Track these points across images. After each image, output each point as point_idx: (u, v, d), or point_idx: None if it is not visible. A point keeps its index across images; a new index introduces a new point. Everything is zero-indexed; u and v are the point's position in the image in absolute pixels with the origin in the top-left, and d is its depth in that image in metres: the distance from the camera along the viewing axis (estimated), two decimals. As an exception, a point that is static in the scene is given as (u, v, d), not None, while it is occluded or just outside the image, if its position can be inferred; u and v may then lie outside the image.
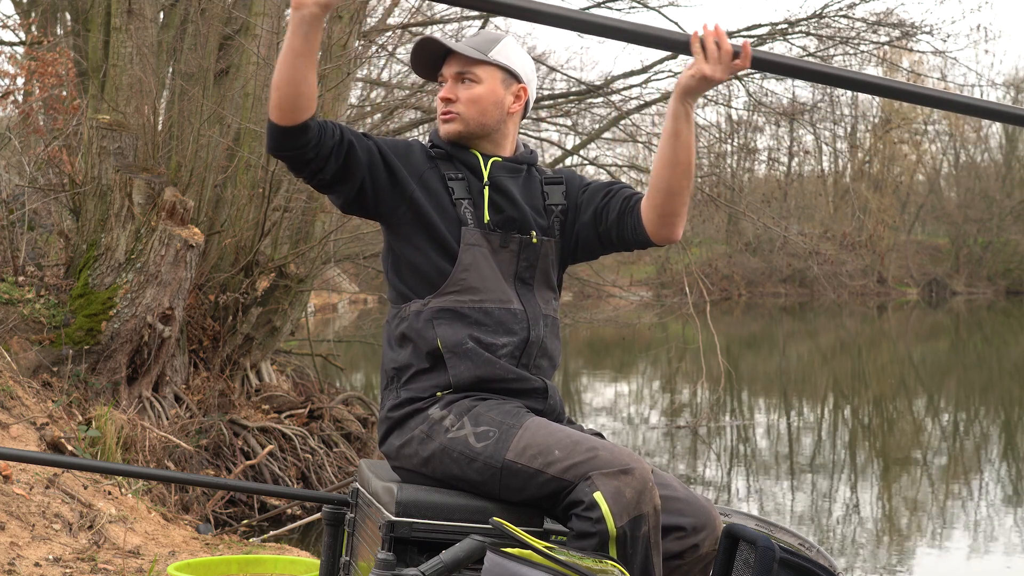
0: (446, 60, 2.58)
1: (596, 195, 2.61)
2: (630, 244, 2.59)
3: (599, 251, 2.64)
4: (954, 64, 44.33)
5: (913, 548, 7.40)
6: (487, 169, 2.56)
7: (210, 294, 7.98)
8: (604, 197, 2.59)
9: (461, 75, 2.56)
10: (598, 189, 2.63)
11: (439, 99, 2.58)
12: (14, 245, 7.57)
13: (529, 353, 2.51)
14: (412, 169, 2.53)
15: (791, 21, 12.79)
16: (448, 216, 2.50)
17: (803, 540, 2.68)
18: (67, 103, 8.35)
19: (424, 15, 12.28)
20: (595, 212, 2.59)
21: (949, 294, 40.16)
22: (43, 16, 10.41)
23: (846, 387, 16.91)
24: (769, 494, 8.90)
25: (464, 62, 2.55)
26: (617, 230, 2.57)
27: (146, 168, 7.27)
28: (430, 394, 2.47)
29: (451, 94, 2.55)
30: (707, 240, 33.65)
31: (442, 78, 2.58)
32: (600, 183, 2.63)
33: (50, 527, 4.68)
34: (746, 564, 2.21)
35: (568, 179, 2.65)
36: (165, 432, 6.81)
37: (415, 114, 12.29)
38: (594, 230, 2.60)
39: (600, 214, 2.59)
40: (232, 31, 8.61)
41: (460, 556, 2.13)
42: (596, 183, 2.64)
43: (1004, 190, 41.24)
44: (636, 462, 2.25)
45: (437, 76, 2.60)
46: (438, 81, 2.60)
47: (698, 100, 2.53)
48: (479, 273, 2.48)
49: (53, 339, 6.80)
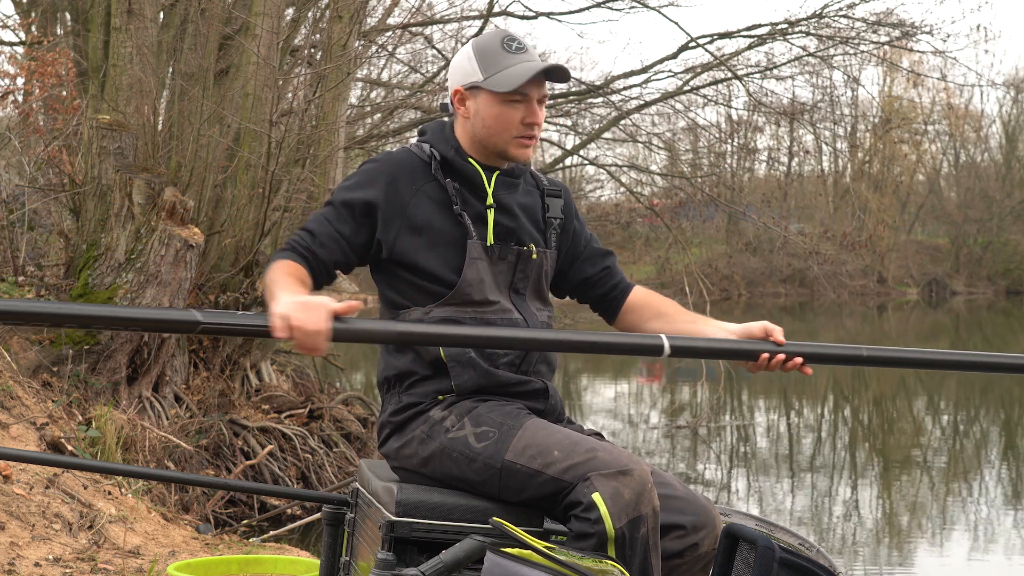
0: (534, 80, 2.48)
1: (593, 262, 2.70)
2: (598, 311, 2.75)
3: (566, 296, 2.77)
4: (954, 64, 44.35)
5: (913, 548, 7.40)
6: (491, 185, 2.55)
7: (210, 294, 7.98)
8: (601, 271, 2.70)
9: (544, 97, 2.53)
10: (596, 257, 2.71)
11: (528, 123, 2.49)
12: (14, 245, 7.58)
13: (529, 360, 2.52)
14: (396, 206, 2.48)
15: (791, 21, 12.80)
16: (450, 229, 2.49)
17: (803, 540, 2.68)
18: (67, 103, 8.36)
19: (424, 15, 12.29)
20: (586, 279, 2.70)
21: (949, 294, 40.15)
22: (43, 16, 10.42)
23: (846, 387, 16.91)
24: (769, 494, 8.90)
25: (546, 86, 2.53)
26: (593, 302, 2.72)
27: (146, 168, 7.27)
28: (432, 398, 2.48)
29: (541, 119, 2.52)
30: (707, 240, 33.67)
31: (524, 98, 2.48)
32: (599, 249, 2.71)
33: (50, 527, 4.68)
34: (746, 564, 2.21)
35: (566, 197, 2.69)
36: (165, 432, 6.81)
37: (415, 114, 12.30)
38: (577, 289, 2.72)
39: (589, 282, 2.70)
40: (232, 31, 8.61)
41: (460, 556, 2.13)
42: (595, 244, 2.72)
43: (1004, 190, 41.21)
44: (635, 463, 2.26)
45: (518, 94, 2.48)
46: (515, 99, 2.47)
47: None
48: (481, 285, 2.48)
49: (53, 339, 6.80)
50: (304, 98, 9.00)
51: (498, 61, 2.48)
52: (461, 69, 2.53)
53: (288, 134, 8.35)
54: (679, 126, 18.05)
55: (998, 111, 44.85)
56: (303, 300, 2.14)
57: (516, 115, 2.49)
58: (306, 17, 10.85)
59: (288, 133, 8.39)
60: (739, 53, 13.47)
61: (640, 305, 2.69)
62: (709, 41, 12.74)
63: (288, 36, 9.73)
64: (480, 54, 2.50)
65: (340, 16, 8.71)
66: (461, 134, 2.56)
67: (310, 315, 2.10)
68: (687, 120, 16.09)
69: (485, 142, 2.52)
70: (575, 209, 2.70)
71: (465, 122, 2.54)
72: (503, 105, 2.48)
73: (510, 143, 2.51)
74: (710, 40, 12.74)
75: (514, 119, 2.49)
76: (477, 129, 2.52)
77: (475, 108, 2.51)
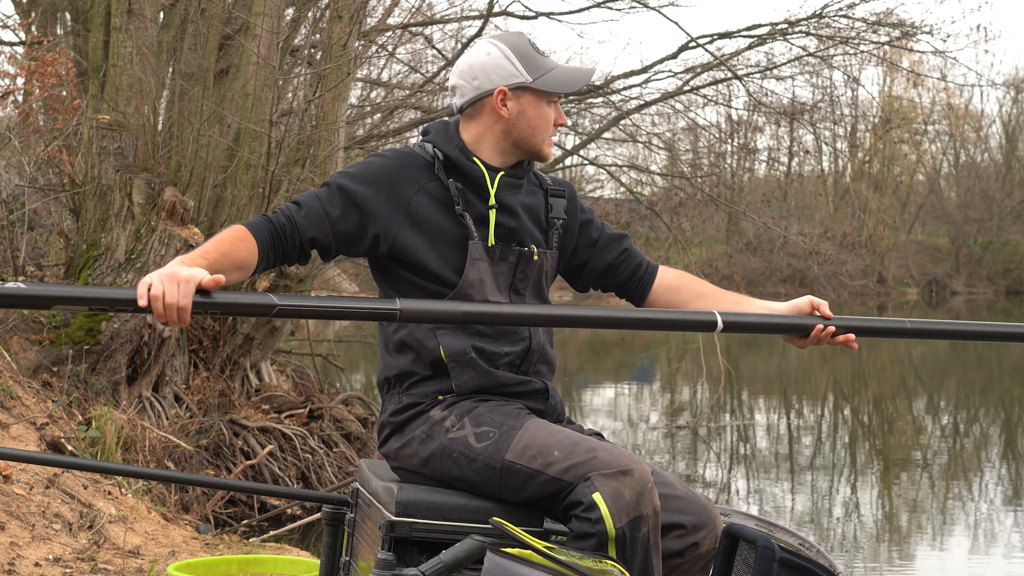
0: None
1: (611, 248, 2.69)
2: (624, 297, 2.74)
3: (590, 288, 2.76)
4: (954, 64, 44.29)
5: (913, 548, 7.40)
6: (494, 186, 2.54)
7: (210, 294, 7.96)
8: (620, 255, 2.69)
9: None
10: (612, 242, 2.70)
11: (559, 124, 2.58)
12: (14, 245, 7.57)
13: (529, 361, 2.52)
14: (398, 201, 2.48)
15: (791, 21, 12.80)
16: (452, 229, 2.50)
17: (803, 540, 2.68)
18: (67, 103, 8.35)
19: (424, 15, 12.29)
20: (608, 265, 2.68)
21: (949, 294, 40.12)
22: (43, 16, 10.41)
23: (846, 387, 16.91)
24: (769, 494, 8.90)
25: None
26: (619, 286, 2.71)
27: (146, 168, 7.27)
28: (432, 398, 2.48)
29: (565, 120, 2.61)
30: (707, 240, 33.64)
31: (555, 101, 2.58)
32: (613, 234, 2.70)
33: (50, 527, 4.68)
34: (746, 564, 2.21)
35: (570, 196, 2.68)
36: (165, 432, 6.81)
37: (415, 114, 12.29)
38: (601, 278, 2.70)
39: (611, 268, 2.69)
40: (232, 31, 8.61)
41: (460, 556, 2.13)
42: (608, 230, 2.70)
43: (1004, 190, 41.17)
44: (635, 463, 2.26)
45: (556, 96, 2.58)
46: (552, 101, 2.57)
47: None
48: (482, 286, 2.48)
49: (53, 339, 6.80)
50: (304, 98, 9.00)
51: (539, 63, 2.54)
52: (502, 69, 2.53)
53: (288, 134, 8.35)
54: (679, 126, 18.03)
55: (998, 111, 44.87)
56: (172, 271, 2.14)
57: (552, 115, 2.56)
58: (306, 17, 10.85)
59: (288, 133, 8.39)
60: (739, 53, 13.46)
61: (675, 285, 2.69)
62: (709, 41, 12.73)
63: (288, 36, 9.73)
64: (520, 55, 2.53)
65: (340, 16, 8.70)
66: (469, 134, 2.56)
67: (173, 288, 2.11)
68: (687, 120, 16.07)
69: (524, 141, 2.55)
70: (580, 205, 2.70)
71: (494, 121, 2.54)
72: (546, 106, 2.55)
73: (545, 142, 2.57)
74: (710, 40, 12.74)
75: (551, 119, 2.56)
76: (521, 128, 2.54)
77: (519, 108, 2.53)
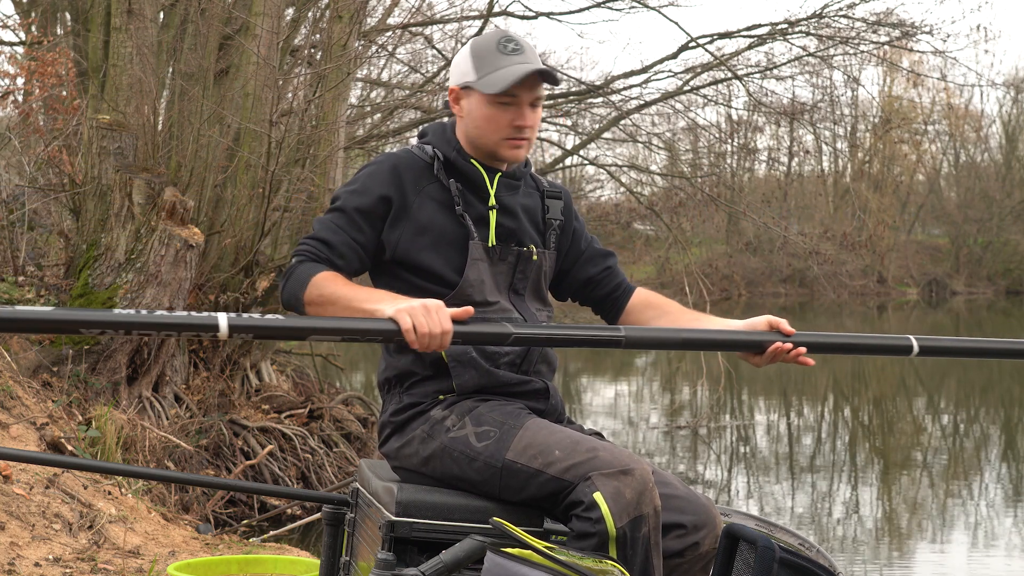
0: (525, 83, 2.46)
1: (595, 262, 2.71)
2: (599, 313, 2.77)
3: (567, 298, 2.77)
4: (954, 64, 44.30)
5: (913, 548, 7.40)
6: (494, 187, 2.55)
7: (210, 294, 7.98)
8: (603, 271, 2.71)
9: (536, 100, 2.51)
10: (598, 257, 2.71)
11: (516, 125, 2.47)
12: (14, 245, 7.57)
13: (530, 360, 2.52)
14: (403, 206, 2.48)
15: (791, 21, 12.80)
16: (452, 230, 2.50)
17: (803, 540, 2.68)
18: (67, 103, 8.35)
19: (424, 15, 12.29)
20: (589, 279, 2.71)
21: (949, 294, 40.13)
22: (43, 16, 10.41)
23: (846, 387, 16.91)
24: (769, 494, 8.90)
25: (542, 88, 2.50)
26: (595, 302, 2.73)
27: (146, 168, 7.27)
28: (432, 398, 2.48)
29: (532, 122, 2.50)
30: (707, 240, 33.66)
31: (514, 100, 2.46)
32: (600, 250, 2.72)
33: (50, 527, 4.68)
34: (746, 564, 2.21)
35: (566, 199, 2.69)
36: (165, 432, 6.81)
37: (415, 114, 12.29)
38: (580, 290, 2.73)
39: (592, 282, 2.71)
40: (232, 31, 8.61)
41: (460, 556, 2.13)
42: (596, 244, 2.73)
43: (1004, 190, 41.17)
44: (636, 463, 2.25)
45: (507, 96, 2.46)
46: (505, 101, 2.46)
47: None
48: (482, 286, 2.49)
49: (53, 339, 6.80)
50: (304, 98, 9.00)
51: (492, 62, 2.47)
52: (457, 68, 2.54)
53: (288, 134, 8.35)
54: (679, 126, 18.05)
55: (998, 111, 44.85)
56: (421, 304, 2.19)
57: (506, 117, 2.48)
58: (306, 17, 10.85)
59: (288, 133, 8.39)
60: (739, 53, 13.47)
61: (643, 305, 2.70)
62: (709, 41, 12.74)
63: (288, 36, 9.73)
64: (476, 54, 2.50)
65: (340, 16, 8.71)
66: (461, 134, 2.57)
67: (432, 318, 2.16)
68: (687, 120, 16.08)
69: (476, 142, 2.53)
70: (575, 211, 2.71)
71: (460, 121, 2.56)
72: (493, 106, 2.47)
73: (500, 144, 2.50)
74: (710, 40, 12.74)
75: (503, 121, 2.48)
76: (470, 129, 2.53)
77: (468, 108, 2.51)
